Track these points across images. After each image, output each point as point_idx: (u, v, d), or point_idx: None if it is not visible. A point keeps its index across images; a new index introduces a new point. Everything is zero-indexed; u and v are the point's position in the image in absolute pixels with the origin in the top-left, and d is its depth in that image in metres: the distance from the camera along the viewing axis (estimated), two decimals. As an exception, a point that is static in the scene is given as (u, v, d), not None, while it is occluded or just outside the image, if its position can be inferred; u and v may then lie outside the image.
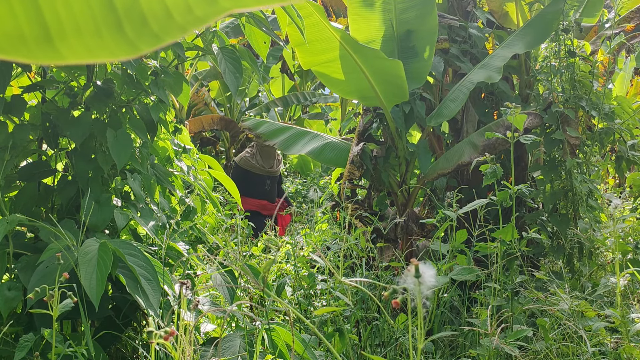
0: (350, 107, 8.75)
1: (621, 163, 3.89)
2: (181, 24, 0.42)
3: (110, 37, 0.42)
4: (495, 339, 2.02)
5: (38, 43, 0.42)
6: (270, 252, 4.39)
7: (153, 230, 2.37)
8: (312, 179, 8.27)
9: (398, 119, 3.83)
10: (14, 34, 0.41)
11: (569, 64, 3.71)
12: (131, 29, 0.42)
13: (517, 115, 2.62)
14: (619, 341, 2.34)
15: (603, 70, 4.51)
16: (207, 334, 2.46)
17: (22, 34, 0.42)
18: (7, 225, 1.99)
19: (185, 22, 0.42)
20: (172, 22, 0.42)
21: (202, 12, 0.42)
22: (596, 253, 3.59)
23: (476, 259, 3.20)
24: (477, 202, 2.69)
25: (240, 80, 2.65)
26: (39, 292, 1.66)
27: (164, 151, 2.92)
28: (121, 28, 0.42)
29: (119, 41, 0.42)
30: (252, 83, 9.27)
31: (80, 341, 2.07)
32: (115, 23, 0.42)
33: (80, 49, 0.42)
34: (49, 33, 0.42)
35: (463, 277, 2.53)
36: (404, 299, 1.12)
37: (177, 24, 0.42)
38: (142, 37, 0.42)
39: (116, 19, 0.42)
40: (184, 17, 0.42)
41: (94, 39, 0.42)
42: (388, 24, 3.94)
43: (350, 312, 2.63)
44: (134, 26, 0.42)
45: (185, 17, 0.42)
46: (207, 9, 0.42)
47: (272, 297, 1.74)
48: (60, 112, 2.44)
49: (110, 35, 0.42)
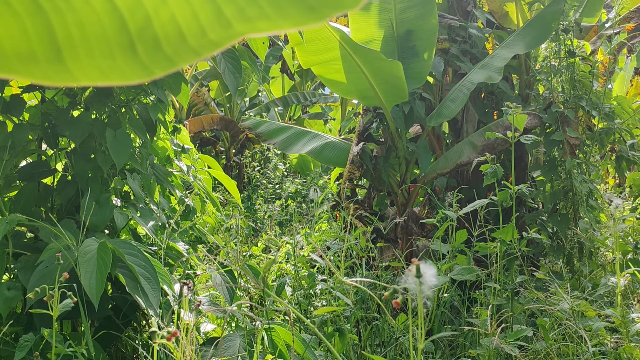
0: (350, 107, 8.75)
1: (621, 163, 3.89)
2: (195, 48, 0.42)
3: (122, 59, 0.42)
4: (495, 338, 2.02)
5: (50, 63, 0.41)
6: (270, 252, 4.39)
7: (153, 230, 2.36)
8: (312, 178, 8.27)
9: (398, 119, 3.83)
10: (26, 53, 0.41)
11: (569, 64, 3.71)
12: (144, 52, 0.42)
13: (517, 115, 2.62)
14: (619, 341, 2.34)
15: (603, 70, 4.51)
16: (207, 333, 2.46)
17: (34, 53, 0.41)
18: (6, 225, 1.98)
19: (199, 46, 0.42)
20: (185, 45, 0.42)
21: (217, 37, 0.42)
22: (596, 253, 3.58)
23: (476, 259, 3.19)
24: (477, 202, 2.69)
25: (239, 80, 2.65)
26: (39, 292, 1.66)
27: (163, 151, 2.92)
28: (134, 50, 0.42)
29: (131, 63, 0.42)
30: (252, 83, 9.27)
31: (80, 341, 2.07)
32: (128, 44, 0.41)
33: (92, 70, 0.42)
34: (61, 53, 0.41)
35: (463, 277, 2.52)
36: (404, 299, 1.12)
37: (190, 48, 0.42)
38: (155, 60, 0.42)
39: (129, 40, 0.41)
40: (198, 41, 0.42)
41: (106, 60, 0.42)
42: (388, 23, 3.94)
43: (350, 312, 2.63)
44: (147, 49, 0.42)
45: (199, 41, 0.42)
46: (222, 33, 0.42)
47: (272, 297, 1.73)
48: (60, 112, 2.43)
49: (123, 56, 0.42)
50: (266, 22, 0.42)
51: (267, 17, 0.41)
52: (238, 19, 0.42)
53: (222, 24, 0.42)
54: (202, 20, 0.42)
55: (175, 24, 0.42)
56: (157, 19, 0.41)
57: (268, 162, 8.95)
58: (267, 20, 0.42)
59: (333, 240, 3.93)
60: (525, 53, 4.04)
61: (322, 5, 0.41)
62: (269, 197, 7.76)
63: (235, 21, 0.42)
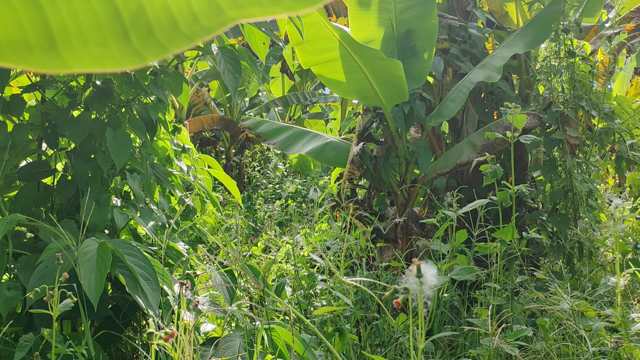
0: (350, 107, 8.75)
1: (621, 163, 3.89)
2: (187, 34, 0.42)
3: (116, 47, 0.42)
4: (495, 338, 2.02)
5: (43, 51, 0.42)
6: (270, 252, 4.39)
7: (153, 230, 2.36)
8: (312, 178, 8.27)
9: (398, 119, 3.83)
10: (19, 41, 0.41)
11: (569, 64, 3.71)
12: (137, 39, 0.42)
13: (517, 115, 2.62)
14: (619, 341, 2.34)
15: (603, 70, 4.51)
16: (207, 334, 2.46)
17: (28, 41, 0.41)
18: (6, 225, 1.98)
19: (192, 32, 0.42)
20: (178, 32, 0.42)
21: (209, 23, 0.42)
22: (596, 253, 3.58)
23: (476, 259, 3.19)
24: (477, 202, 2.69)
25: (239, 80, 2.64)
26: (39, 292, 1.66)
27: (163, 151, 2.92)
28: (127, 37, 0.42)
29: (124, 50, 0.42)
30: (252, 83, 9.27)
31: (80, 341, 2.07)
32: (122, 32, 0.42)
33: (86, 57, 0.42)
34: (54, 41, 0.41)
35: (463, 277, 2.52)
36: (404, 298, 1.12)
37: (183, 34, 0.42)
38: (148, 46, 0.42)
39: (122, 28, 0.42)
40: (190, 27, 0.42)
41: (99, 48, 0.42)
42: (388, 23, 3.94)
43: (350, 312, 2.63)
44: (140, 36, 0.42)
45: (191, 27, 0.42)
46: (214, 19, 0.42)
47: (272, 297, 1.73)
48: (60, 112, 2.43)
49: (116, 44, 0.42)
50: (258, 8, 0.42)
51: (259, 3, 0.42)
52: (230, 5, 0.42)
53: (214, 10, 0.42)
54: (195, 7, 0.42)
55: (168, 10, 0.42)
56: (150, 6, 0.42)
57: (268, 162, 8.95)
58: (259, 7, 0.42)
59: (333, 240, 3.93)
60: (525, 53, 4.04)
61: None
62: (269, 197, 7.75)
63: (227, 7, 0.42)
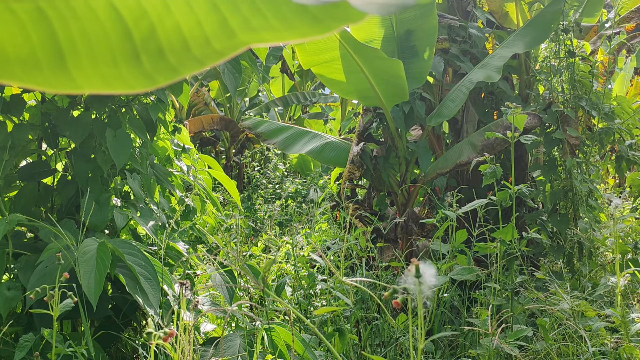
0: (350, 107, 8.75)
1: (621, 163, 3.89)
2: (199, 57, 0.42)
3: (126, 68, 0.42)
4: (495, 338, 2.02)
5: (53, 70, 0.41)
6: (270, 252, 4.39)
7: (153, 230, 2.36)
8: (312, 178, 8.26)
9: (398, 119, 3.83)
10: (28, 59, 0.40)
11: (569, 64, 3.71)
12: (148, 60, 0.42)
13: (517, 115, 2.62)
14: (619, 341, 2.34)
15: (603, 70, 4.51)
16: (207, 334, 2.46)
17: (37, 59, 0.41)
18: (6, 225, 1.99)
19: (203, 55, 0.42)
20: (189, 54, 0.42)
21: (221, 46, 0.42)
22: (596, 253, 3.58)
23: (476, 259, 3.19)
24: (477, 202, 2.69)
25: (239, 80, 2.65)
26: (39, 292, 1.66)
27: (163, 151, 2.92)
28: (138, 59, 0.41)
29: (135, 73, 0.42)
30: (252, 83, 9.27)
31: (80, 341, 2.07)
32: (132, 53, 0.41)
33: (95, 78, 0.42)
34: (64, 61, 0.41)
35: (463, 277, 2.52)
36: (404, 299, 1.12)
37: (194, 57, 0.42)
38: (159, 69, 0.42)
39: (133, 49, 0.41)
40: (202, 50, 0.42)
41: (110, 69, 0.41)
42: (388, 23, 3.94)
43: (350, 312, 2.63)
44: (151, 57, 0.41)
45: (203, 50, 0.42)
46: (226, 43, 0.42)
47: (272, 297, 1.74)
48: (60, 112, 2.43)
49: (126, 65, 0.41)
50: (271, 33, 0.41)
51: (271, 28, 0.41)
52: (243, 29, 0.41)
53: (227, 33, 0.41)
54: (207, 30, 0.41)
55: (180, 33, 0.41)
56: (161, 28, 0.41)
57: (268, 162, 8.95)
58: (271, 31, 0.41)
59: (333, 241, 3.93)
60: (525, 53, 4.04)
61: (328, 17, 0.41)
62: (269, 197, 7.75)
63: (239, 31, 0.41)
